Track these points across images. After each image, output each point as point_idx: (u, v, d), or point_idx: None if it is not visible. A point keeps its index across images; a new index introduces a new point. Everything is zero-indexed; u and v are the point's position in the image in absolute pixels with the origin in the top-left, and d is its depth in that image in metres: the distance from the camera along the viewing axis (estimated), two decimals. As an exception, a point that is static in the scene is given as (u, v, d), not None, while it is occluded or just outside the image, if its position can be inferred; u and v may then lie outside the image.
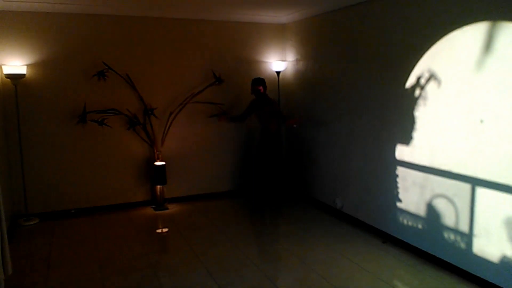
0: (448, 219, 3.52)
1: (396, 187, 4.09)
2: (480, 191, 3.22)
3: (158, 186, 5.43)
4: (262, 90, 5.35)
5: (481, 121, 3.17)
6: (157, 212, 5.30)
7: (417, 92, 3.75)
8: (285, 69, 6.00)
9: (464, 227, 3.38)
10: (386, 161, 4.18)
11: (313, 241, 4.29)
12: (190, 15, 5.37)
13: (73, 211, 5.17)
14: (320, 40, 5.24)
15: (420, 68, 3.71)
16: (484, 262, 3.23)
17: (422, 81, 3.69)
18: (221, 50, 5.73)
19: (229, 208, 5.46)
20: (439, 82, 3.52)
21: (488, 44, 3.09)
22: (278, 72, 5.92)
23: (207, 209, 5.40)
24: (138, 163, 5.45)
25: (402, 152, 3.99)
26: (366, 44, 4.40)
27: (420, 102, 3.72)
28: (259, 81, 5.37)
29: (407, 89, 3.87)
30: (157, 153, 5.39)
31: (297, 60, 5.79)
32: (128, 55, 5.25)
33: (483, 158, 3.18)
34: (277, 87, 5.97)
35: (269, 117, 5.38)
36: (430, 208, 3.71)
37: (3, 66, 4.65)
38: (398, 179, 4.07)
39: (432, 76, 3.59)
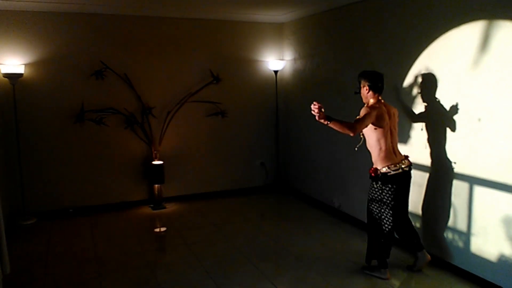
0: (446, 218, 3.52)
1: (394, 186, 4.09)
2: (478, 190, 3.22)
3: (156, 185, 5.42)
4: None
5: (479, 119, 3.17)
6: (155, 211, 5.29)
7: (414, 90, 3.76)
8: (283, 68, 5.99)
9: (462, 226, 3.38)
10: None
11: (311, 239, 4.30)
12: (187, 14, 5.36)
13: (71, 210, 5.16)
14: (318, 39, 5.24)
15: (418, 67, 3.71)
16: (482, 260, 3.24)
17: (420, 79, 3.69)
18: (219, 49, 5.73)
19: (227, 207, 5.46)
20: (436, 80, 3.53)
21: (486, 42, 3.10)
22: (276, 71, 5.92)
23: (205, 208, 5.39)
24: (136, 162, 5.44)
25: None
26: (363, 43, 4.40)
27: (418, 100, 3.73)
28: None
29: (405, 88, 3.87)
30: (155, 152, 5.38)
31: (295, 59, 5.79)
32: (126, 54, 5.24)
33: (481, 157, 3.18)
34: (275, 86, 5.97)
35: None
36: (428, 206, 3.71)
37: (1, 66, 4.63)
38: (396, 178, 4.06)
39: (429, 75, 3.59)
